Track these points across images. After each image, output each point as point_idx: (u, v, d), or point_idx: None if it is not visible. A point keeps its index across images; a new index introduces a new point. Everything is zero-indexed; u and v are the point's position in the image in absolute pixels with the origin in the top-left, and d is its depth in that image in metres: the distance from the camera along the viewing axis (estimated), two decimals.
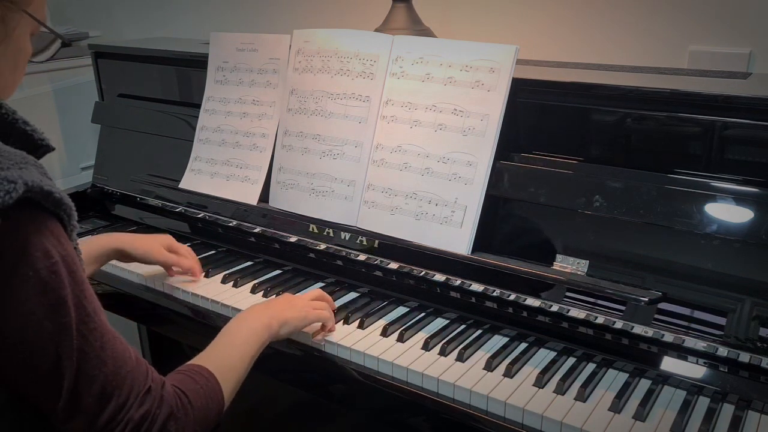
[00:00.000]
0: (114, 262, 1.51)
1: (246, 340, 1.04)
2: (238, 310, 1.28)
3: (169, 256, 1.35)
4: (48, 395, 0.76)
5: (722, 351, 1.01)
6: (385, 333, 1.18)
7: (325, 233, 1.36)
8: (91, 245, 1.29)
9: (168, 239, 1.38)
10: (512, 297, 1.17)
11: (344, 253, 1.34)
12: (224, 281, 1.39)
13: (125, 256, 1.32)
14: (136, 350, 0.85)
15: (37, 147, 0.88)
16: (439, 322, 1.23)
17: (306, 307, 1.16)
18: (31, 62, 0.90)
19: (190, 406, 0.86)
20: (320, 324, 1.18)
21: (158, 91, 1.75)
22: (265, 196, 1.47)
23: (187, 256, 1.38)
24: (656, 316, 1.06)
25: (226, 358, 0.99)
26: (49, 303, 0.73)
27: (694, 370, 1.04)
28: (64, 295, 0.74)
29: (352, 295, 1.34)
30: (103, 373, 0.78)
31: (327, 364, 1.16)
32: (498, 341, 1.17)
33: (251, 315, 1.10)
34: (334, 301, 1.28)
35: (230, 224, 1.51)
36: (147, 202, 1.67)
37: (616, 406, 0.98)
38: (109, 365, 0.78)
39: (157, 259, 1.34)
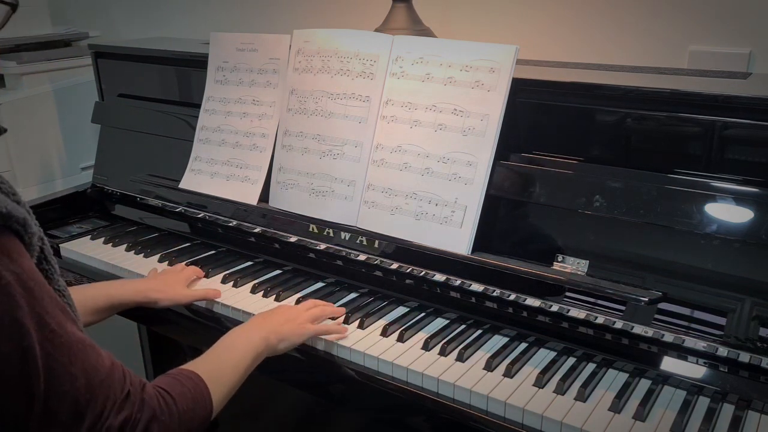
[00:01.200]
0: (110, 259, 1.51)
1: (242, 351, 1.03)
2: (238, 311, 1.28)
3: (197, 295, 1.32)
4: (20, 415, 0.73)
5: (722, 351, 1.01)
6: (385, 333, 1.18)
7: (325, 233, 1.36)
8: (116, 291, 1.25)
9: (189, 273, 1.36)
10: (512, 297, 1.17)
11: (344, 253, 1.34)
12: (224, 281, 1.39)
13: (152, 304, 1.29)
14: (111, 354, 0.81)
15: None
16: (439, 322, 1.23)
17: (304, 322, 1.15)
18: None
19: (175, 407, 0.84)
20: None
21: (158, 91, 1.75)
22: (265, 196, 1.47)
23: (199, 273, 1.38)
24: (656, 316, 1.06)
25: (218, 366, 0.98)
26: (5, 327, 0.70)
27: (694, 370, 1.04)
28: (20, 316, 0.71)
29: (352, 295, 1.34)
30: (75, 388, 0.75)
31: (327, 364, 1.16)
32: (498, 341, 1.17)
33: (250, 327, 1.10)
34: (334, 301, 1.28)
35: (230, 224, 1.51)
36: (147, 202, 1.67)
37: (616, 406, 0.98)
38: (80, 378, 0.75)
39: (187, 302, 1.31)
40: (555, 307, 1.13)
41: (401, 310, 1.27)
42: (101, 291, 1.25)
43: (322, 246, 1.37)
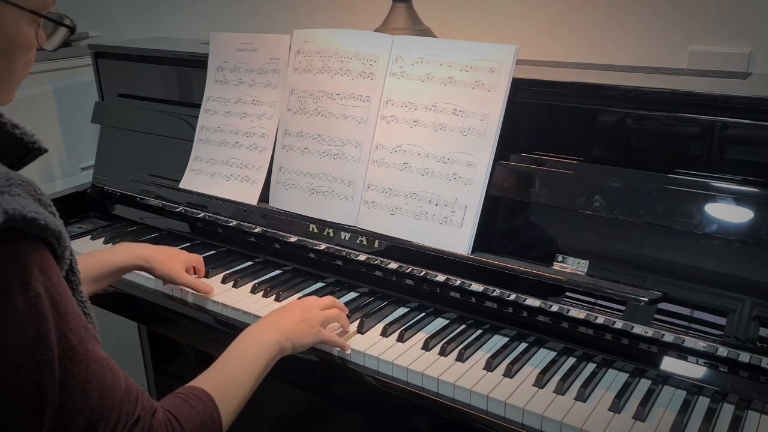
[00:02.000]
0: None
1: (254, 359, 1.01)
2: (238, 311, 1.28)
3: (189, 280, 1.33)
4: (30, 428, 0.73)
5: (722, 351, 1.01)
6: (385, 333, 1.18)
7: (325, 233, 1.36)
8: (113, 256, 1.27)
9: (191, 260, 1.37)
10: (512, 297, 1.17)
11: (344, 253, 1.34)
12: (224, 281, 1.39)
13: (147, 270, 1.31)
14: (127, 374, 0.81)
15: (29, 151, 0.84)
16: (439, 322, 1.23)
17: (317, 325, 1.12)
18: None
19: None
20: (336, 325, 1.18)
21: (158, 91, 1.75)
22: (265, 196, 1.47)
23: (201, 269, 1.39)
24: (656, 316, 1.06)
25: (230, 379, 0.96)
26: (29, 339, 0.70)
27: (694, 370, 1.04)
28: (46, 330, 0.71)
29: (352, 295, 1.34)
30: (88, 407, 0.74)
31: (327, 364, 1.16)
32: (498, 341, 1.17)
33: (265, 329, 1.07)
34: None
35: (230, 224, 1.51)
36: (147, 202, 1.67)
37: (616, 406, 0.98)
38: (95, 398, 0.75)
39: (177, 281, 1.32)
40: (555, 307, 1.13)
41: (401, 310, 1.27)
42: (101, 259, 1.26)
43: (322, 246, 1.37)
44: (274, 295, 1.32)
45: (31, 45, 0.83)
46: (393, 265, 1.28)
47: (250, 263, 1.48)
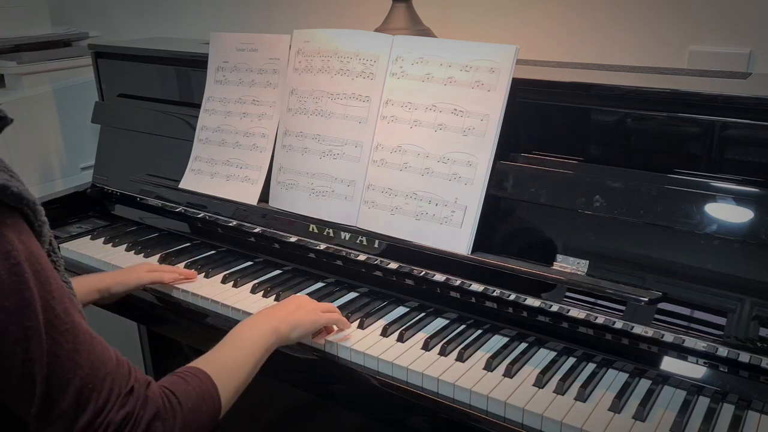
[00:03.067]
0: (110, 259, 1.51)
1: (252, 343, 1.01)
2: (238, 311, 1.28)
3: (148, 275, 1.34)
4: (21, 400, 0.73)
5: (722, 351, 1.01)
6: (385, 333, 1.18)
7: (325, 233, 1.36)
8: (84, 281, 1.28)
9: (146, 265, 1.39)
10: (512, 297, 1.17)
11: (344, 253, 1.34)
12: (224, 281, 1.39)
13: (108, 297, 1.32)
14: (118, 351, 0.81)
15: None
16: (439, 322, 1.23)
17: (316, 309, 1.14)
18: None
19: (179, 407, 0.83)
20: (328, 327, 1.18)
21: (158, 91, 1.75)
22: (265, 196, 1.47)
23: (167, 270, 1.39)
24: (656, 316, 1.06)
25: (227, 361, 0.96)
26: (12, 306, 0.70)
27: (694, 370, 1.04)
28: (29, 296, 0.71)
29: (352, 295, 1.34)
30: (78, 377, 0.74)
31: (327, 364, 1.16)
32: (498, 341, 1.17)
33: (259, 318, 1.08)
34: (334, 301, 1.28)
35: (230, 224, 1.51)
36: (147, 202, 1.67)
37: (616, 406, 0.98)
38: (85, 367, 0.75)
39: (137, 284, 1.34)
40: (555, 307, 1.13)
41: (401, 310, 1.27)
42: (80, 283, 1.26)
43: (322, 246, 1.37)
44: (274, 295, 1.32)
45: None
46: (393, 265, 1.28)
47: (250, 263, 1.48)
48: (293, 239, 1.41)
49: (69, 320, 0.75)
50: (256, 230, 1.47)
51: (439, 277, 1.24)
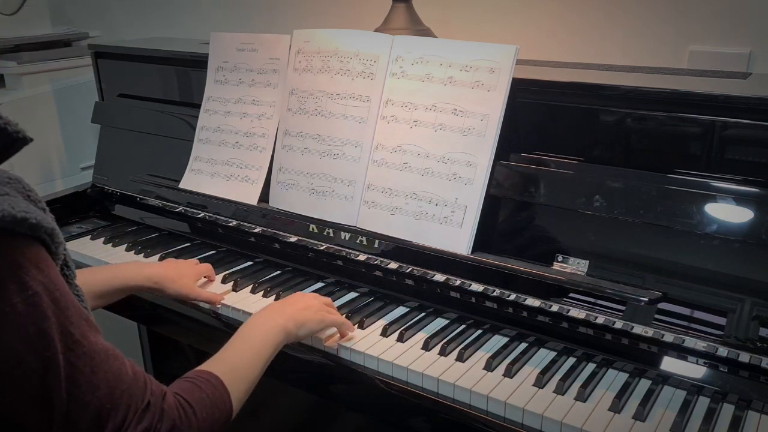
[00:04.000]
0: (111, 259, 1.51)
1: (261, 343, 1.01)
2: (238, 311, 1.28)
3: (201, 295, 1.30)
4: (41, 424, 0.73)
5: (722, 351, 1.01)
6: (385, 333, 1.18)
7: (325, 233, 1.36)
8: (122, 273, 1.25)
9: (202, 270, 1.35)
10: (512, 297, 1.17)
11: (344, 253, 1.34)
12: (224, 281, 1.39)
13: (157, 291, 1.29)
14: (133, 362, 0.82)
15: (13, 140, 0.81)
16: (439, 322, 1.23)
17: (322, 309, 1.14)
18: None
19: (194, 417, 0.84)
20: (335, 330, 1.18)
21: (158, 91, 1.75)
22: (265, 196, 1.47)
23: (211, 276, 1.37)
24: (656, 316, 1.06)
25: (238, 363, 0.97)
26: (30, 337, 0.70)
27: (694, 370, 1.04)
28: (46, 327, 0.71)
29: (352, 295, 1.34)
30: (97, 398, 0.75)
31: (327, 364, 1.16)
32: (498, 341, 1.17)
33: (267, 316, 1.08)
34: (334, 301, 1.28)
35: (230, 224, 1.51)
36: (147, 202, 1.67)
37: (616, 406, 0.98)
38: (103, 388, 0.75)
39: (189, 297, 1.30)
40: (555, 307, 1.13)
41: (401, 310, 1.27)
42: (109, 275, 1.24)
43: (322, 246, 1.37)
44: (275, 295, 1.32)
45: None
46: (393, 265, 1.28)
47: (250, 263, 1.48)
48: (293, 239, 1.41)
49: (86, 342, 0.75)
50: (256, 230, 1.47)
51: (439, 277, 1.24)
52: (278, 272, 1.43)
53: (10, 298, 0.69)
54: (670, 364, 1.06)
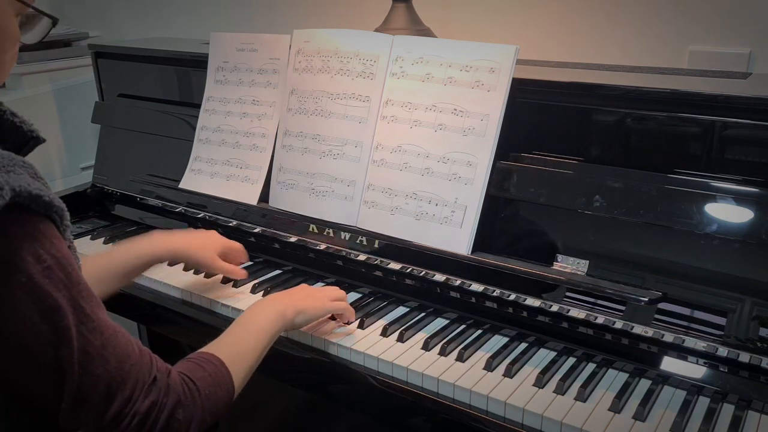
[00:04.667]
0: None
1: (260, 329, 1.04)
2: (239, 311, 1.28)
3: (221, 267, 1.30)
4: (52, 396, 0.76)
5: (722, 351, 1.01)
6: (385, 333, 1.18)
7: (325, 233, 1.36)
8: (148, 248, 1.25)
9: (226, 245, 1.34)
10: (512, 297, 1.17)
11: (344, 253, 1.34)
12: (224, 281, 1.38)
13: (181, 260, 1.32)
14: (139, 341, 0.84)
15: (27, 140, 0.86)
16: (439, 322, 1.23)
17: (324, 298, 1.17)
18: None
19: (197, 393, 0.86)
20: (333, 320, 1.20)
21: (158, 91, 1.75)
22: (265, 196, 1.47)
23: (239, 256, 1.36)
24: (656, 316, 1.06)
25: (237, 346, 1.00)
26: (45, 307, 0.73)
27: (694, 370, 1.04)
28: (60, 298, 0.74)
29: (352, 295, 1.34)
30: (107, 371, 0.77)
31: (327, 363, 1.16)
32: (498, 341, 1.17)
33: (266, 303, 1.11)
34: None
35: (230, 224, 1.51)
36: (147, 202, 1.67)
37: (616, 406, 0.98)
38: (112, 362, 0.78)
39: (210, 268, 1.31)
40: (555, 307, 1.13)
41: (401, 310, 1.27)
42: (134, 253, 1.24)
43: (322, 246, 1.37)
44: None
45: (18, 37, 0.85)
46: (393, 265, 1.28)
47: (250, 263, 1.48)
48: (293, 239, 1.41)
49: (96, 317, 0.78)
50: (256, 230, 1.47)
51: (439, 277, 1.24)
52: (278, 272, 1.43)
53: (28, 269, 0.71)
54: (670, 364, 1.06)
